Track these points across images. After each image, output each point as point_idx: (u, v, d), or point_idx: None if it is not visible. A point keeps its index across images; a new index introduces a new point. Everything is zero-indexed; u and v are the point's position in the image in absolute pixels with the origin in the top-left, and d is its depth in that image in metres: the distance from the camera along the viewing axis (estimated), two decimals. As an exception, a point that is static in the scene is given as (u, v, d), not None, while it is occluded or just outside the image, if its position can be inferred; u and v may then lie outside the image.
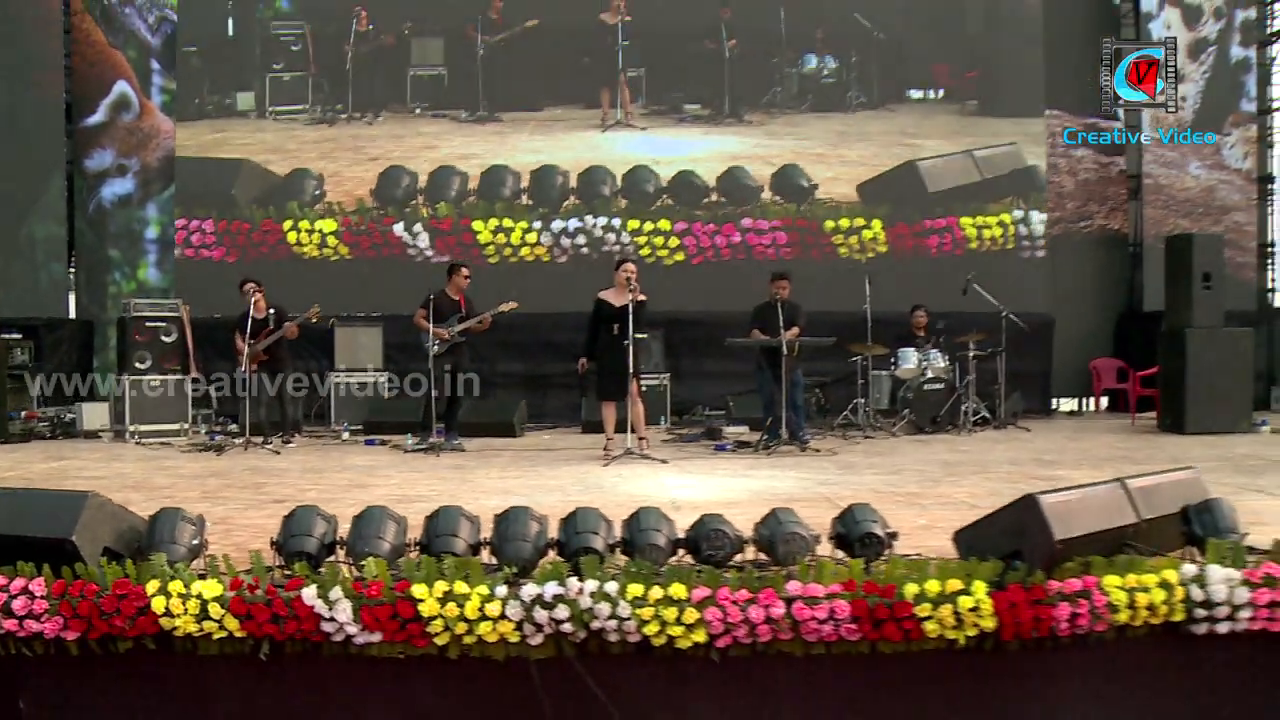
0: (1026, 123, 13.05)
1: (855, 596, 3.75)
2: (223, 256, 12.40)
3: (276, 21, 12.57)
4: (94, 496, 3.74)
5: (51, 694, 3.75)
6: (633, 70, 11.83)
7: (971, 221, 12.12)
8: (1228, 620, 4.00)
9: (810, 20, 12.44)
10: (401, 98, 12.51)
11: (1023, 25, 13.45)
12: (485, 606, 3.64)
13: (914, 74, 12.82)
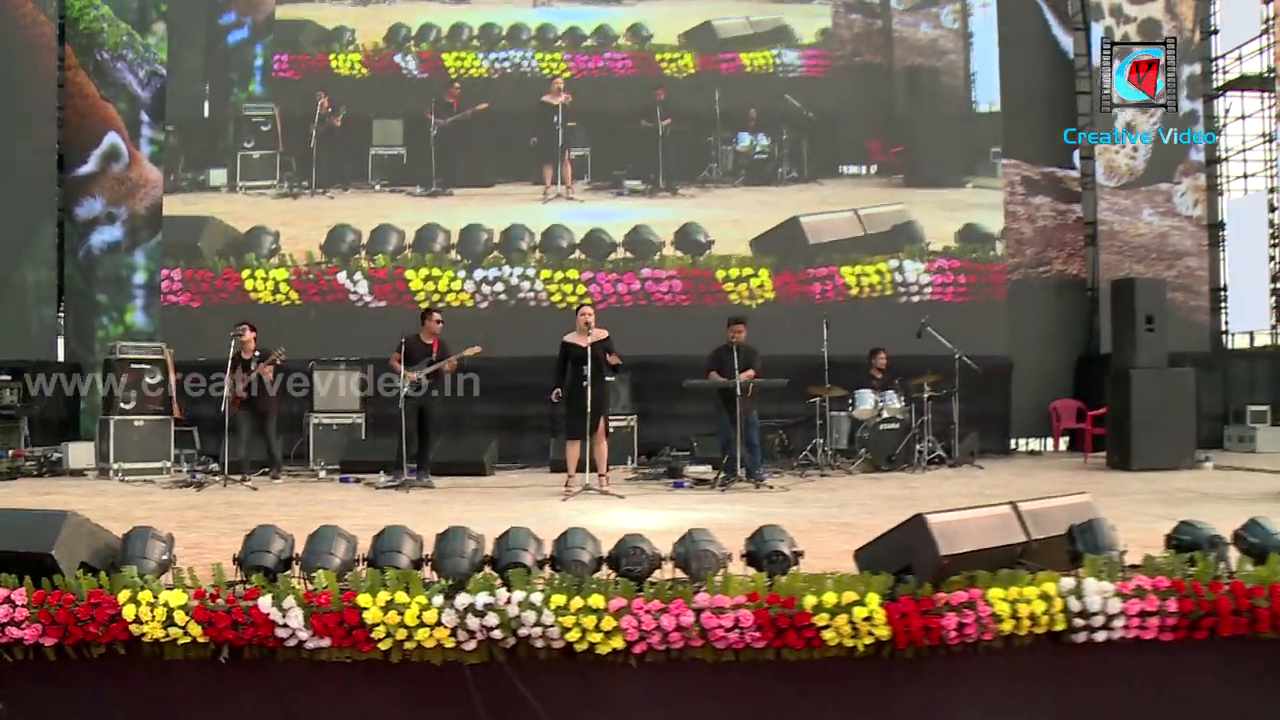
0: (981, 184, 13.63)
1: (758, 607, 4.16)
2: (188, 302, 13.15)
3: (248, 104, 13.34)
4: (73, 515, 4.15)
5: (29, 697, 4.12)
6: (579, 150, 12.73)
7: (851, 270, 12.92)
8: (1104, 629, 4.41)
9: (745, 101, 13.23)
10: (363, 175, 13.29)
11: (944, 103, 14.07)
12: (423, 615, 4.04)
13: (848, 151, 13.57)
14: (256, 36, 13.60)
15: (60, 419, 13.18)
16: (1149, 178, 15.09)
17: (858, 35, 13.97)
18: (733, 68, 12.94)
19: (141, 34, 14.28)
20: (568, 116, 12.69)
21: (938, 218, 13.58)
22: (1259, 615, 4.46)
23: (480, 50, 13.09)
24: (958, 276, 13.52)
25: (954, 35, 14.01)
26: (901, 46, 13.93)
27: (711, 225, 12.95)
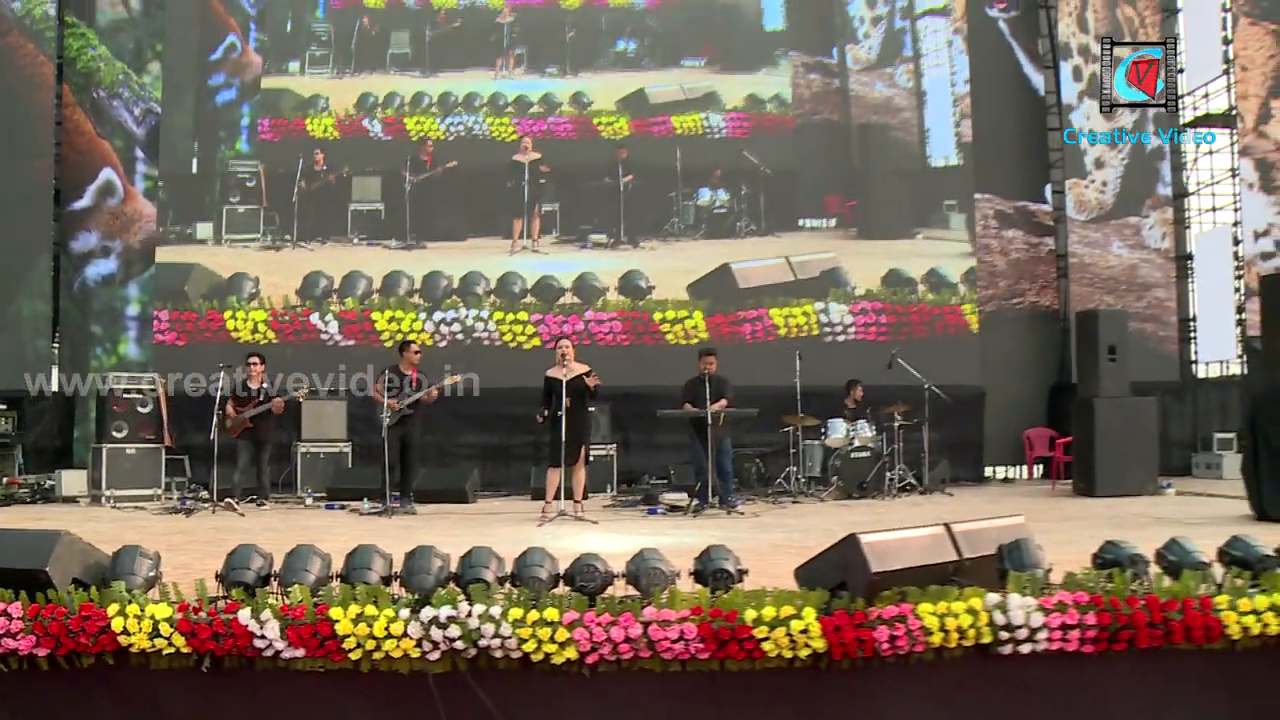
0: (932, 235, 14.31)
1: (702, 620, 4.48)
2: (174, 341, 13.65)
3: (235, 161, 13.90)
4: (66, 534, 4.48)
5: (22, 705, 4.43)
6: (548, 205, 13.41)
7: (780, 312, 13.50)
8: (1029, 642, 4.74)
9: (707, 159, 13.85)
10: (343, 229, 13.84)
11: (899, 158, 14.58)
12: (391, 627, 4.37)
13: (808, 204, 14.09)
14: (243, 97, 14.15)
15: (54, 447, 13.47)
16: (1118, 211, 15.52)
17: (816, 94, 14.50)
18: (664, 130, 13.63)
19: (137, 73, 14.67)
20: (537, 174, 13.37)
21: (887, 264, 14.08)
22: (1173, 628, 4.79)
23: (438, 116, 13.81)
24: (879, 317, 13.91)
25: (908, 93, 14.53)
26: (858, 105, 14.46)
27: (661, 273, 13.57)
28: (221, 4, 14.10)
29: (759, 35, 14.42)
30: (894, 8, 14.58)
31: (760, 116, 13.87)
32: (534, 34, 14.00)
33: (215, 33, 14.10)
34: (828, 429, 11.89)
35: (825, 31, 14.49)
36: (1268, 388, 9.02)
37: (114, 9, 14.88)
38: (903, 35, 14.53)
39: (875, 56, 14.47)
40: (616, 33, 14.03)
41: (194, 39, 14.15)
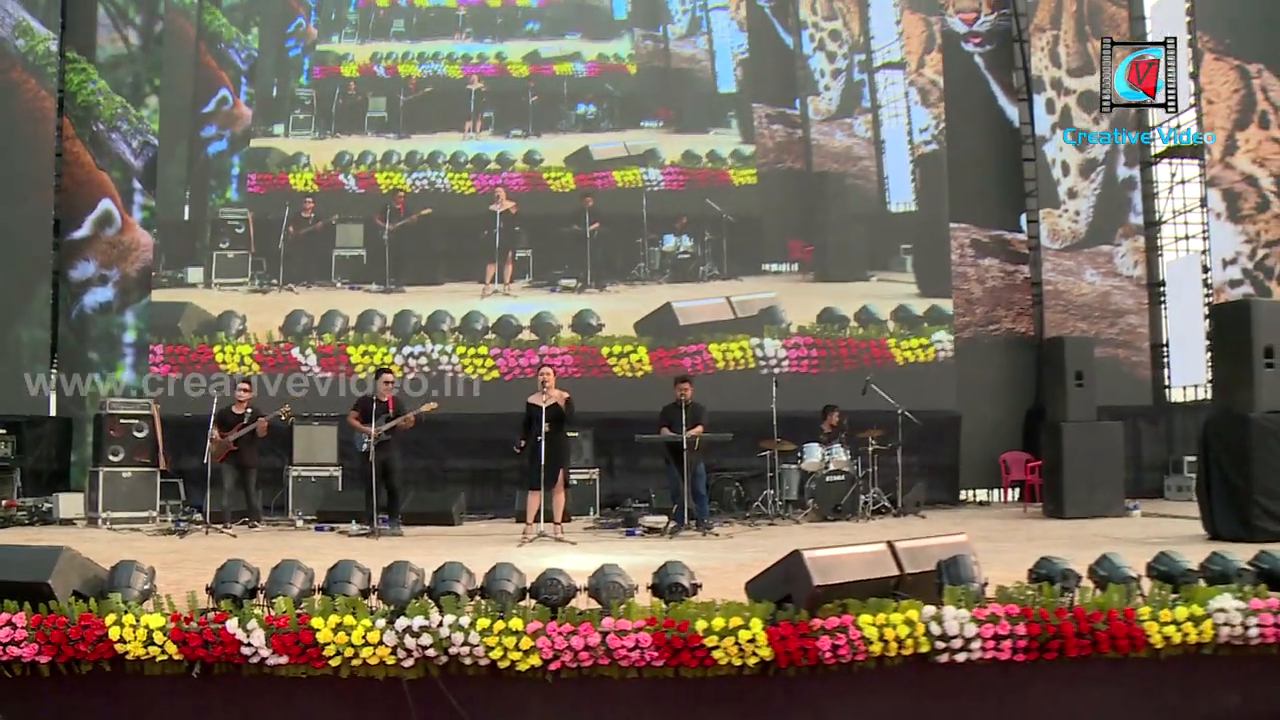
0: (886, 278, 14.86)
1: (656, 630, 4.83)
2: (168, 373, 14.03)
3: (225, 209, 14.45)
4: (67, 550, 4.83)
5: (23, 709, 4.76)
6: (522, 251, 14.11)
7: (718, 347, 14.10)
8: (964, 651, 5.08)
9: (672, 207, 14.48)
10: (327, 274, 14.40)
11: (858, 204, 15.10)
12: (368, 635, 4.71)
13: (771, 249, 14.65)
14: (234, 148, 14.70)
15: (52, 471, 13.80)
16: (1091, 240, 15.96)
17: (779, 144, 15.05)
18: (606, 183, 14.32)
19: (136, 107, 15.14)
20: (510, 222, 14.07)
21: (825, 303, 14.62)
22: (1100, 638, 5.14)
23: (405, 171, 14.50)
24: (810, 351, 14.36)
25: (867, 142, 15.06)
26: (819, 153, 14.99)
27: (611, 312, 14.25)
28: (214, 59, 14.62)
29: (714, 97, 15.03)
30: (853, 61, 15.15)
31: (696, 171, 14.54)
32: (501, 100, 14.69)
33: (208, 86, 14.62)
34: (804, 453, 12.23)
35: (788, 84, 15.04)
36: (1218, 412, 9.38)
37: (113, 45, 15.37)
38: (861, 87, 15.09)
39: (835, 107, 15.05)
40: (577, 98, 14.71)
41: (188, 92, 14.67)
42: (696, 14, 14.81)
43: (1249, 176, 15.74)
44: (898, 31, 15.13)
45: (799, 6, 15.14)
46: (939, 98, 15.29)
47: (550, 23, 14.67)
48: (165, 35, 14.83)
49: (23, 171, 14.62)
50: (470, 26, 14.35)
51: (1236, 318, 9.10)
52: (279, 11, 14.88)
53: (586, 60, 14.81)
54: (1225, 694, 5.31)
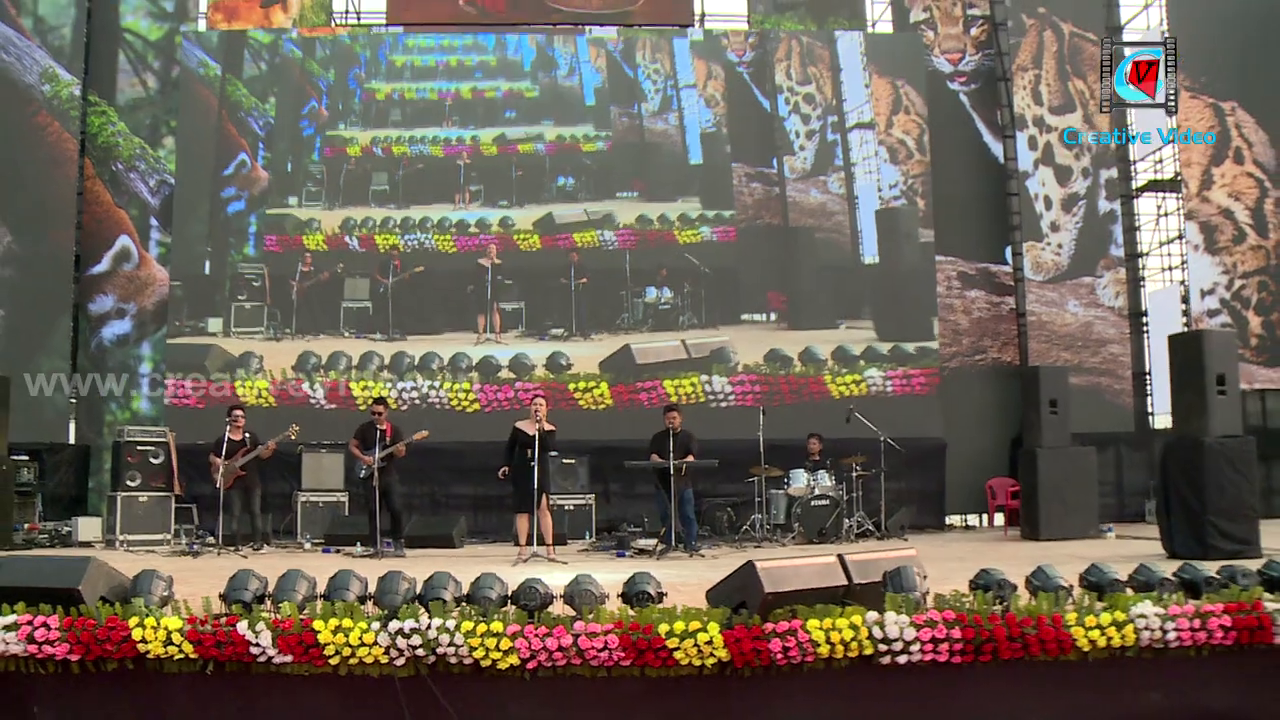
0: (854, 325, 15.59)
1: (623, 633, 5.36)
2: (193, 404, 14.79)
3: (243, 264, 15.27)
4: (94, 559, 5.38)
5: (56, 703, 5.31)
6: (513, 304, 15.07)
7: (671, 383, 14.87)
8: (904, 653, 5.60)
9: (654, 261, 15.29)
10: (336, 324, 15.22)
11: (830, 257, 15.76)
12: (364, 637, 5.25)
13: (751, 300, 15.42)
14: (251, 208, 15.47)
15: (70, 496, 14.41)
16: (1073, 272, 16.48)
17: (758, 201, 15.78)
18: (567, 243, 15.24)
19: (153, 147, 15.86)
20: (498, 276, 15.02)
21: (770, 345, 15.34)
22: (1030, 641, 5.65)
23: (399, 234, 15.36)
24: (754, 387, 15.00)
25: (840, 199, 15.78)
26: (795, 210, 15.70)
27: (581, 355, 15.15)
28: (234, 127, 15.41)
29: (684, 168, 15.80)
30: (826, 123, 15.86)
31: (647, 231, 15.40)
32: (488, 175, 15.56)
33: (228, 151, 15.42)
34: (790, 479, 12.74)
35: (766, 145, 15.77)
36: (1176, 438, 9.88)
37: (132, 88, 16.09)
38: (834, 147, 15.82)
39: (810, 166, 15.79)
40: (558, 171, 15.59)
41: (210, 156, 15.45)
42: (668, 93, 15.64)
43: (1225, 210, 16.29)
44: (867, 94, 15.87)
45: (775, 72, 15.90)
46: (906, 155, 15.96)
47: (527, 108, 15.71)
48: (190, 104, 15.64)
49: (46, 210, 15.34)
50: (456, 115, 15.44)
51: (1191, 348, 9.61)
52: (295, 90, 15.70)
53: (564, 140, 15.74)
54: (1147, 694, 5.80)
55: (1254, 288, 16.17)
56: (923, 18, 17.13)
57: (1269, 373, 16.11)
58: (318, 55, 15.63)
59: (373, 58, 15.62)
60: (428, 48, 15.77)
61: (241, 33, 15.86)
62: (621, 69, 15.73)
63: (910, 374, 15.25)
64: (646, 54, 15.70)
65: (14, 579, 5.37)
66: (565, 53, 15.82)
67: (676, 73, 15.66)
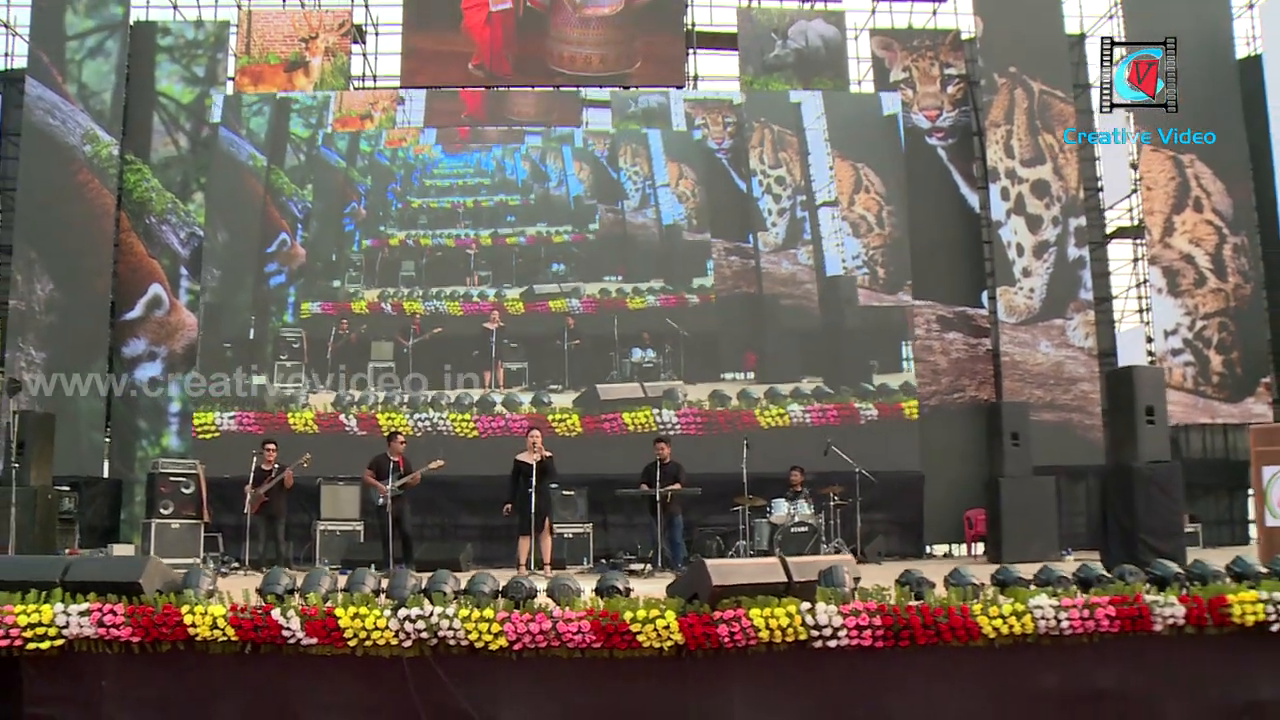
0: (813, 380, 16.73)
1: (594, 619, 6.38)
2: (234, 429, 15.96)
3: (284, 328, 16.56)
4: (153, 558, 6.44)
5: (119, 677, 6.34)
6: (517, 364, 16.51)
7: (629, 415, 16.16)
8: (834, 638, 6.59)
9: (639, 325, 16.65)
10: (364, 382, 16.43)
11: (799, 321, 16.95)
12: (377, 622, 6.28)
13: (729, 360, 16.69)
14: (291, 280, 16.75)
15: (104, 526, 15.49)
16: (1044, 314, 17.48)
17: (735, 272, 17.05)
18: (544, 309, 16.74)
19: (184, 202, 17.11)
20: (502, 337, 16.50)
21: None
22: (942, 629, 6.64)
23: (421, 299, 16.73)
24: (697, 418, 16.19)
25: (808, 269, 17.04)
26: (768, 279, 16.98)
27: (562, 397, 16.46)
28: (276, 210, 16.77)
29: (659, 253, 17.13)
30: (795, 201, 17.17)
31: (605, 301, 16.84)
32: (494, 263, 16.98)
33: (271, 231, 16.76)
34: (772, 508, 13.69)
35: (742, 222, 17.08)
36: (1113, 466, 10.85)
37: (165, 147, 17.36)
38: (803, 223, 17.11)
39: (781, 240, 17.08)
40: (551, 259, 17.06)
41: (255, 236, 16.74)
42: (645, 192, 17.05)
43: (1186, 255, 17.34)
44: (831, 176, 17.18)
45: (750, 157, 17.22)
46: (867, 229, 17.17)
47: (523, 213, 17.14)
48: (239, 190, 16.97)
49: (85, 260, 16.56)
50: (468, 219, 16.87)
51: (1123, 382, 10.61)
52: (339, 193, 17.09)
53: (554, 235, 17.20)
54: (1046, 675, 6.78)
55: (1215, 328, 17.17)
56: (902, 77, 18.33)
57: (1230, 408, 17.07)
58: (358, 165, 17.06)
59: (406, 177, 17.06)
60: (446, 171, 17.18)
61: (285, 126, 17.17)
62: (607, 171, 17.15)
63: (825, 408, 16.37)
64: (628, 158, 17.09)
65: (86, 574, 6.42)
66: (555, 169, 17.25)
67: (654, 173, 17.04)
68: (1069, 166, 17.85)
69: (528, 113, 17.44)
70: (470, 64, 17.66)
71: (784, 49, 18.23)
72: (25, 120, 16.87)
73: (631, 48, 17.75)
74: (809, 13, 18.44)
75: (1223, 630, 6.78)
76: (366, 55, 18.91)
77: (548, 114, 17.46)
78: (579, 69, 17.71)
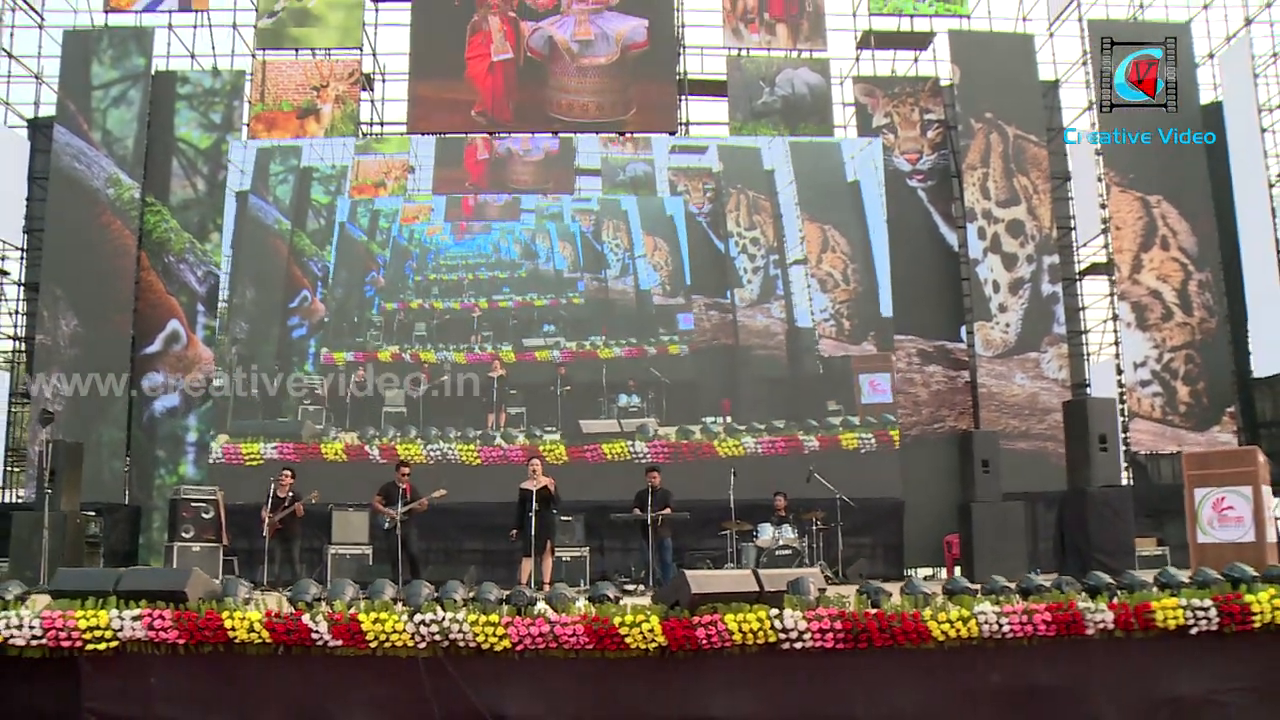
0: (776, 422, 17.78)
1: (588, 623, 7.21)
2: (275, 457, 16.89)
3: (305, 376, 17.54)
4: (196, 570, 7.28)
5: (167, 675, 7.17)
6: (517, 409, 17.63)
7: (608, 447, 17.29)
8: (800, 640, 7.42)
9: (625, 374, 17.74)
10: (379, 424, 17.45)
11: (771, 370, 17.96)
12: (395, 626, 7.11)
13: (707, 406, 17.70)
14: (311, 333, 17.75)
15: (125, 550, 16.27)
16: (1020, 348, 18.41)
17: (714, 325, 18.11)
18: (531, 358, 17.88)
19: (201, 242, 18.03)
20: (504, 385, 17.65)
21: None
22: (895, 632, 7.47)
23: (433, 350, 17.83)
24: (665, 449, 17.19)
25: (781, 322, 18.12)
26: (744, 332, 18.04)
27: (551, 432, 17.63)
28: (299, 269, 17.78)
29: (636, 318, 18.20)
30: (768, 260, 18.24)
31: (581, 351, 17.99)
32: (494, 324, 18.11)
33: (294, 288, 17.76)
34: (758, 532, 14.50)
35: (721, 280, 18.18)
36: (1070, 491, 11.70)
37: (184, 190, 18.32)
38: (776, 281, 18.19)
39: (756, 296, 18.16)
40: (543, 320, 18.18)
41: (279, 292, 17.75)
42: (625, 262, 18.22)
43: (1154, 291, 18.27)
44: (800, 237, 18.28)
45: (727, 220, 18.30)
46: (833, 285, 18.17)
47: (517, 284, 18.29)
48: (265, 250, 17.98)
49: (107, 298, 17.48)
50: (472, 290, 18.04)
51: (1078, 413, 11.48)
52: (360, 263, 18.10)
53: (545, 302, 18.35)
54: (991, 674, 7.60)
55: (1181, 360, 18.07)
56: (884, 122, 19.33)
57: (1196, 436, 17.93)
58: (377, 239, 18.20)
59: (421, 256, 18.19)
60: (454, 255, 18.27)
61: (307, 193, 18.18)
62: (592, 245, 18.31)
63: (775, 440, 17.37)
64: (610, 232, 18.28)
65: (137, 584, 7.25)
66: (543, 247, 18.36)
67: (633, 245, 18.23)
68: (1043, 207, 18.81)
69: (526, 180, 18.45)
70: (473, 111, 18.66)
71: (771, 96, 19.24)
72: (53, 165, 17.85)
73: (626, 95, 18.77)
74: (795, 61, 19.41)
75: (1148, 633, 7.60)
76: (374, 102, 19.91)
77: (544, 181, 18.45)
78: (576, 116, 18.72)
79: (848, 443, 17.42)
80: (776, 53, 19.50)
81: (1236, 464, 10.19)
